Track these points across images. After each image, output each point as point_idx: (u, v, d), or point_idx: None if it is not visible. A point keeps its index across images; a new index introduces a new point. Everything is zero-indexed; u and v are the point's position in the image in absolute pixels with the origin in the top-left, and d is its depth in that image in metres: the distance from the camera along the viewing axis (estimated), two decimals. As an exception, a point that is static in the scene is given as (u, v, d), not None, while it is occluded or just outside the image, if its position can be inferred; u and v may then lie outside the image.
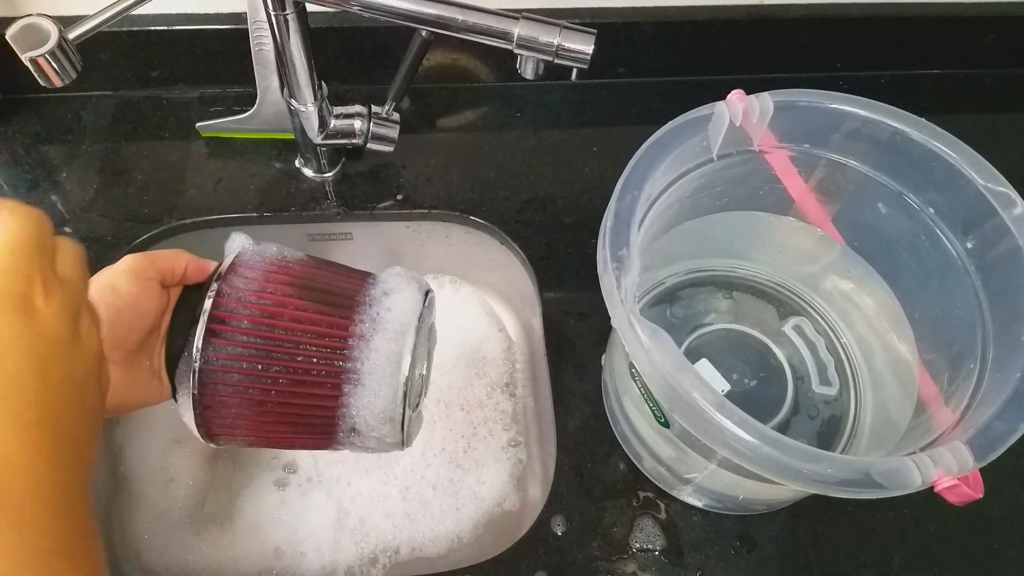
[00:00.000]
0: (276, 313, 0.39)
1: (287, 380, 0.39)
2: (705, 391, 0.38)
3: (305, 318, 0.40)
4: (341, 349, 0.40)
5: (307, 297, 0.40)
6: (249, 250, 0.41)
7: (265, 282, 0.40)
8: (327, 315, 0.40)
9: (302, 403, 0.40)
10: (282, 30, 0.54)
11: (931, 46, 0.79)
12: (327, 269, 0.43)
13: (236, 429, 0.40)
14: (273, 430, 0.41)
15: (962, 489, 0.37)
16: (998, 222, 0.45)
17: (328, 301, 0.41)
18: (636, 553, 0.54)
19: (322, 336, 0.40)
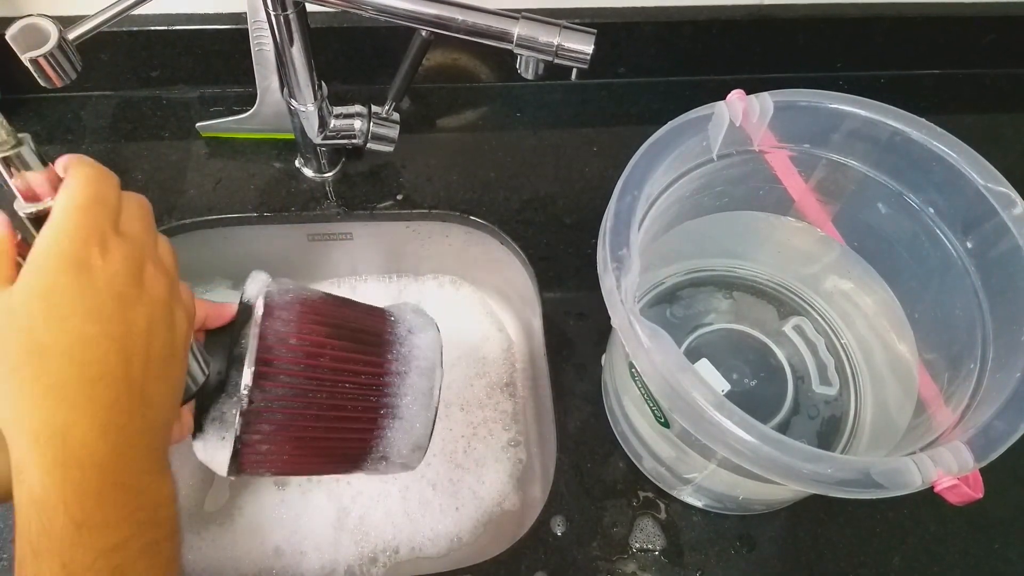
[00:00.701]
0: (317, 354, 0.41)
1: (328, 417, 0.41)
2: (705, 391, 0.38)
3: (344, 357, 0.41)
4: (379, 386, 0.42)
5: (342, 337, 0.42)
6: (277, 291, 0.42)
7: (301, 323, 0.41)
8: (363, 354, 0.42)
9: (340, 437, 0.42)
10: (282, 30, 0.54)
11: (931, 46, 0.79)
12: (349, 307, 0.45)
13: (268, 464, 0.41)
14: (306, 462, 0.43)
15: (962, 489, 0.37)
16: (998, 222, 0.45)
17: (361, 339, 0.43)
18: (636, 553, 0.54)
19: (360, 374, 0.42)
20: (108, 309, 0.30)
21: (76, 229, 0.30)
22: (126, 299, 0.30)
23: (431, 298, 0.77)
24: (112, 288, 0.30)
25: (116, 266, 0.30)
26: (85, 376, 0.29)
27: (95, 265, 0.30)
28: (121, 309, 0.30)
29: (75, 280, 0.29)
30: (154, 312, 0.32)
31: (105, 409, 0.30)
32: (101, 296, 0.30)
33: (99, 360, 0.30)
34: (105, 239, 0.30)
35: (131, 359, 0.30)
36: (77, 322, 0.29)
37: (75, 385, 0.29)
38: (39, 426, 0.29)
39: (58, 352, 0.29)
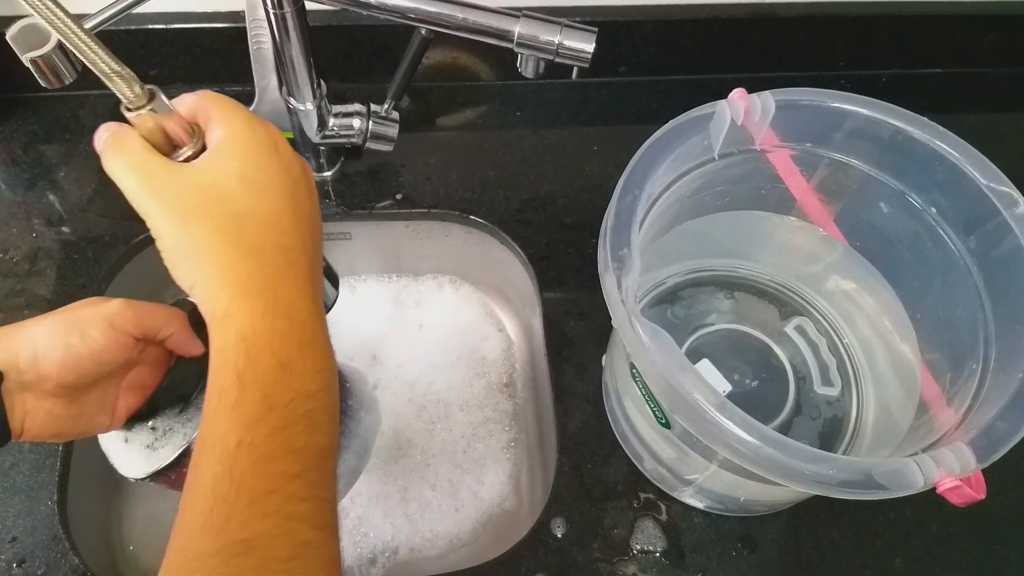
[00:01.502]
0: None
1: None
2: (706, 392, 0.38)
3: None
4: None
5: None
6: None
7: None
8: None
9: None
10: (281, 28, 0.54)
11: (933, 45, 0.79)
12: None
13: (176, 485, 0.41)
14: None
15: (964, 490, 0.37)
16: (1000, 222, 0.45)
17: None
18: (637, 555, 0.54)
19: None
20: (291, 189, 0.34)
21: (262, 123, 0.34)
22: (301, 185, 0.35)
23: (431, 298, 0.77)
24: (292, 172, 0.34)
25: (291, 155, 0.35)
26: (282, 244, 0.33)
27: (281, 152, 0.34)
28: (300, 192, 0.34)
29: (268, 161, 0.33)
30: (315, 202, 0.36)
31: (301, 275, 0.33)
32: (286, 178, 0.34)
33: (291, 232, 0.33)
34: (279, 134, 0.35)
35: (311, 238, 0.34)
36: (271, 196, 0.33)
37: (274, 250, 0.33)
38: (247, 279, 0.32)
39: (256, 220, 0.32)
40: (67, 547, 0.52)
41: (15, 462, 0.55)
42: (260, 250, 0.32)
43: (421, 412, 0.71)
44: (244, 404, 0.30)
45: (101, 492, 0.64)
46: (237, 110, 0.35)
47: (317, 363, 0.33)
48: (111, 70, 0.31)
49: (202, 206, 0.32)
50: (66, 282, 0.62)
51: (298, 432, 0.31)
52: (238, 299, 0.31)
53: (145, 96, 0.32)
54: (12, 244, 0.64)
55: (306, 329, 0.33)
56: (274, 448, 0.30)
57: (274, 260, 0.33)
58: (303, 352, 0.32)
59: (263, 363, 0.31)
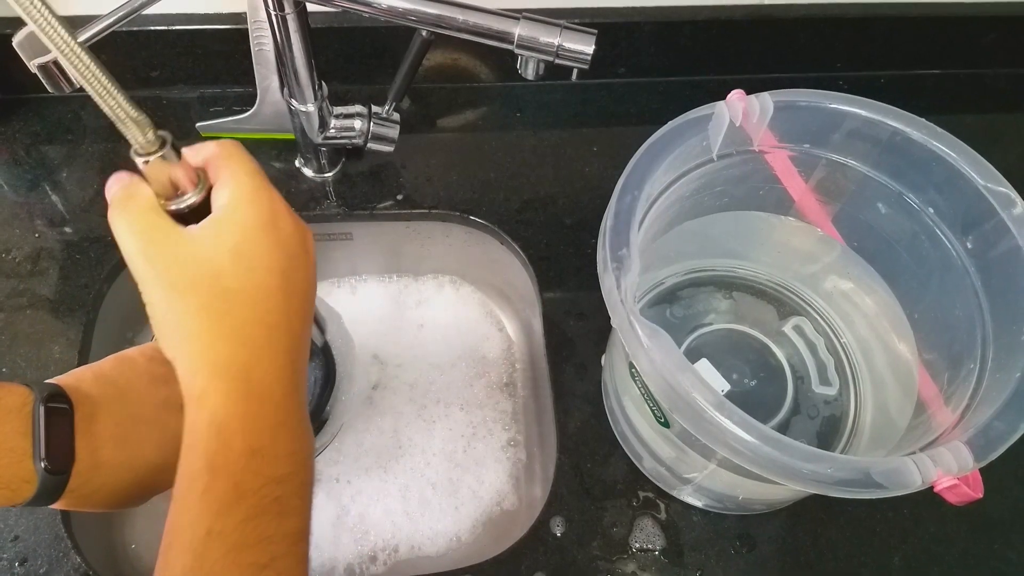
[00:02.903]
0: None
1: None
2: (705, 391, 0.38)
3: None
4: None
5: None
6: None
7: None
8: None
9: None
10: (282, 30, 0.54)
11: (931, 46, 0.79)
12: None
13: None
14: None
15: (962, 489, 0.37)
16: (998, 222, 0.45)
17: None
18: (636, 553, 0.54)
19: None
20: (284, 266, 0.33)
21: (267, 193, 0.34)
22: (297, 261, 0.34)
23: (431, 298, 0.77)
24: (288, 249, 0.34)
25: (291, 230, 0.34)
26: (265, 322, 0.32)
27: (280, 227, 0.34)
28: (293, 268, 0.34)
29: (264, 236, 0.33)
30: (311, 277, 0.35)
31: (281, 354, 0.33)
32: (280, 255, 0.33)
33: (276, 310, 0.33)
34: (285, 208, 0.35)
35: (298, 315, 0.34)
36: (261, 274, 0.33)
37: (257, 329, 0.32)
38: (225, 360, 0.32)
39: (243, 298, 0.32)
40: (69, 546, 0.52)
41: (18, 461, 0.55)
42: (241, 330, 0.32)
43: (421, 412, 0.71)
44: (214, 491, 0.30)
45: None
46: (245, 175, 0.34)
47: (289, 445, 0.32)
48: (127, 115, 0.30)
49: (192, 282, 0.32)
50: (68, 282, 0.63)
51: (268, 519, 0.31)
52: (213, 381, 0.31)
53: (157, 142, 0.32)
54: (14, 244, 0.64)
55: (279, 411, 0.32)
56: (244, 538, 0.30)
57: (254, 340, 0.32)
58: (275, 436, 0.32)
59: (234, 448, 0.31)
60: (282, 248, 0.34)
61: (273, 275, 0.33)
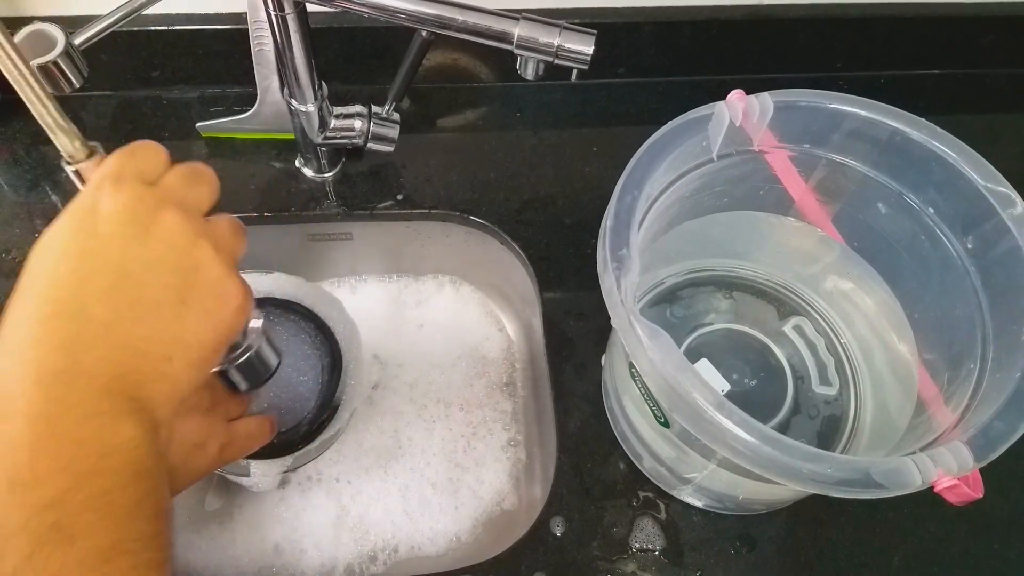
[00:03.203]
0: None
1: None
2: (705, 391, 0.38)
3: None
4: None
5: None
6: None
7: None
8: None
9: None
10: (282, 30, 0.54)
11: (931, 46, 0.79)
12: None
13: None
14: None
15: (962, 489, 0.37)
16: (998, 222, 0.45)
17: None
18: (636, 553, 0.54)
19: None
20: (85, 248, 0.29)
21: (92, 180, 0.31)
22: (119, 239, 0.30)
23: (431, 298, 0.77)
24: (106, 227, 0.30)
25: (119, 206, 0.30)
26: (39, 314, 0.29)
27: (99, 207, 0.30)
28: (103, 249, 0.30)
29: (69, 223, 0.30)
30: (161, 255, 0.31)
31: (49, 350, 0.28)
32: (84, 237, 0.29)
33: (59, 299, 0.29)
34: (120, 181, 0.31)
35: (100, 298, 0.29)
36: (51, 262, 0.29)
37: (25, 326, 0.28)
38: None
39: (28, 292, 0.29)
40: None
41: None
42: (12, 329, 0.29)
43: (421, 412, 0.71)
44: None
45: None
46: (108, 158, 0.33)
47: (58, 461, 0.27)
48: (56, 124, 0.31)
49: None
50: (68, 282, 0.63)
51: (51, 551, 0.26)
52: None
53: (84, 151, 0.33)
54: (15, 244, 0.64)
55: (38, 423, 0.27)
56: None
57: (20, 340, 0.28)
58: (34, 456, 0.27)
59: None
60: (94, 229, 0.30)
61: (67, 260, 0.29)
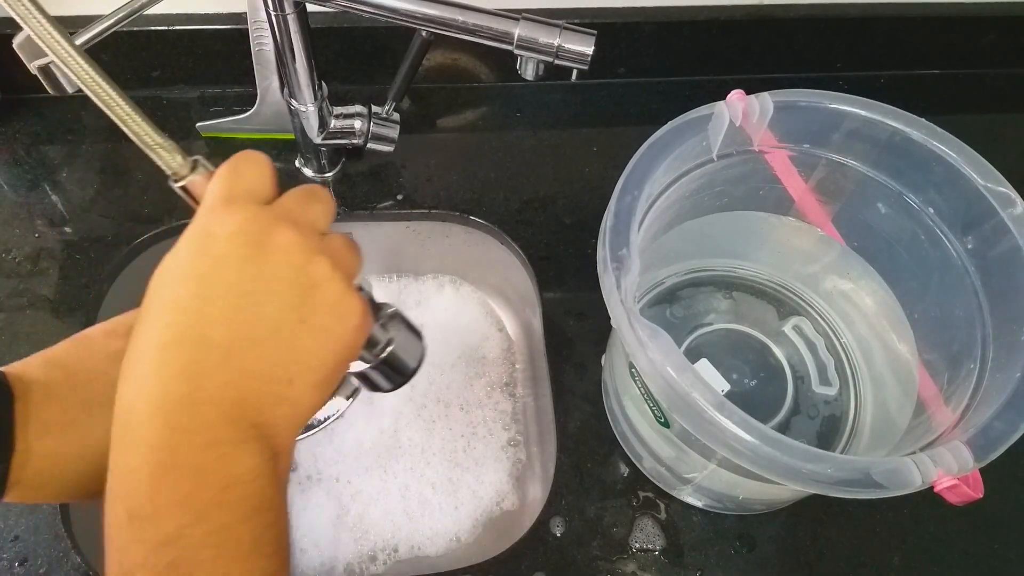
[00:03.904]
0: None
1: None
2: (705, 391, 0.38)
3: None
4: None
5: None
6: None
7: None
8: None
9: None
10: (282, 30, 0.54)
11: (931, 46, 0.79)
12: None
13: None
14: None
15: (962, 489, 0.37)
16: (998, 222, 0.45)
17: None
18: (636, 553, 0.54)
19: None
20: (203, 271, 0.28)
21: (203, 205, 0.30)
22: (234, 260, 0.29)
23: (431, 298, 0.77)
24: (222, 249, 0.29)
25: (233, 227, 0.29)
26: (160, 341, 0.28)
27: (214, 231, 0.29)
28: (220, 271, 0.29)
29: (187, 248, 0.29)
30: (277, 274, 0.29)
31: (170, 376, 0.27)
32: (203, 260, 0.29)
33: (179, 323, 0.28)
34: (231, 202, 0.30)
35: (220, 321, 0.28)
36: (172, 287, 0.29)
37: (148, 353, 0.28)
38: (119, 400, 0.28)
39: (149, 319, 0.28)
40: (69, 546, 0.52)
41: (18, 461, 0.55)
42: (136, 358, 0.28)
43: (421, 411, 0.71)
44: (109, 570, 0.26)
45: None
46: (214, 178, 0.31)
47: (176, 493, 0.26)
48: (154, 142, 0.30)
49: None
50: (68, 282, 0.63)
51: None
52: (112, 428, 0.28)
53: (188, 165, 0.31)
54: (15, 244, 0.64)
55: (159, 454, 0.26)
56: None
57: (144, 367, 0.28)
58: (153, 489, 0.26)
59: (116, 518, 0.26)
60: (212, 251, 0.29)
61: (186, 284, 0.28)
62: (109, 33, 0.49)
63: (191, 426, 0.27)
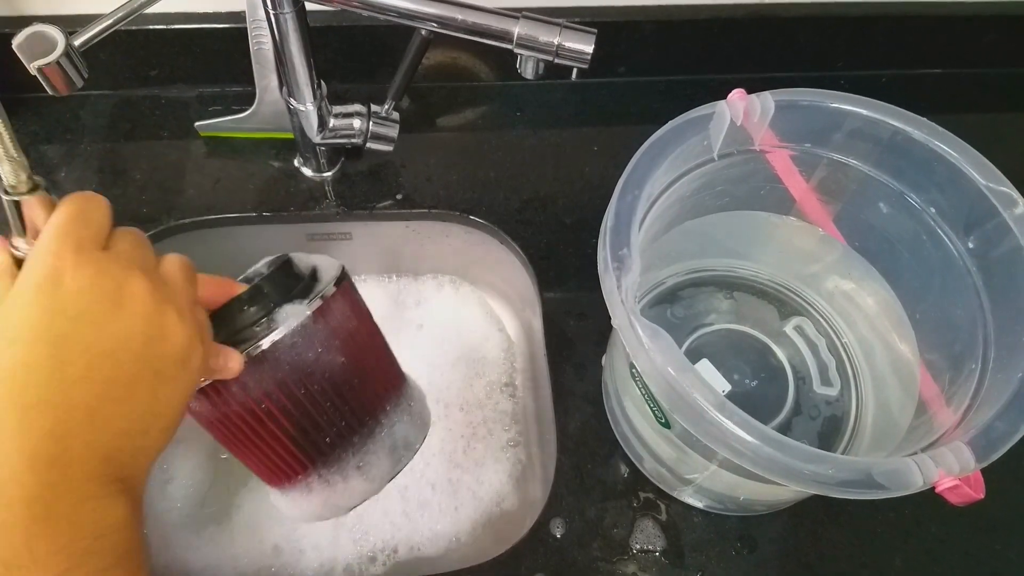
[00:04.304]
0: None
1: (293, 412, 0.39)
2: (706, 391, 0.38)
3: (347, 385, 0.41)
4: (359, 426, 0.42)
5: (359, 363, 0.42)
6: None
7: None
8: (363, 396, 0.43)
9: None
10: (281, 29, 0.54)
11: (932, 45, 0.79)
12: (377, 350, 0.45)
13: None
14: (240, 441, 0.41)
15: (963, 490, 0.37)
16: (1000, 222, 0.45)
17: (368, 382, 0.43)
18: (636, 554, 0.54)
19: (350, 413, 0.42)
20: (60, 330, 0.28)
21: (47, 247, 0.29)
22: (90, 317, 0.29)
23: (431, 298, 0.77)
24: (76, 305, 0.29)
25: (85, 281, 0.29)
26: (20, 403, 0.28)
27: (63, 283, 0.29)
28: (79, 330, 0.29)
29: (34, 301, 0.29)
30: (131, 330, 0.30)
31: (38, 438, 0.28)
32: (56, 319, 0.28)
33: (38, 384, 0.28)
34: (80, 251, 0.29)
35: (80, 381, 0.29)
36: (22, 346, 0.28)
37: (7, 415, 0.28)
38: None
39: (5, 378, 0.28)
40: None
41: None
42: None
43: (421, 412, 0.71)
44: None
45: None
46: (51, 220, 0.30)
47: (54, 543, 0.27)
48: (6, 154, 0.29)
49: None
50: (67, 282, 0.63)
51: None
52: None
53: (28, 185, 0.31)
54: (13, 244, 0.64)
55: (33, 507, 0.27)
56: None
57: (5, 428, 0.28)
58: (29, 539, 0.27)
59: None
60: (64, 308, 0.28)
61: (40, 344, 0.28)
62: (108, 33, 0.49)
63: (63, 483, 0.28)
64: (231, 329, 0.37)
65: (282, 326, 0.37)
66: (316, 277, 0.41)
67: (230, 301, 0.38)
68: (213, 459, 0.68)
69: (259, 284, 0.38)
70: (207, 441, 0.69)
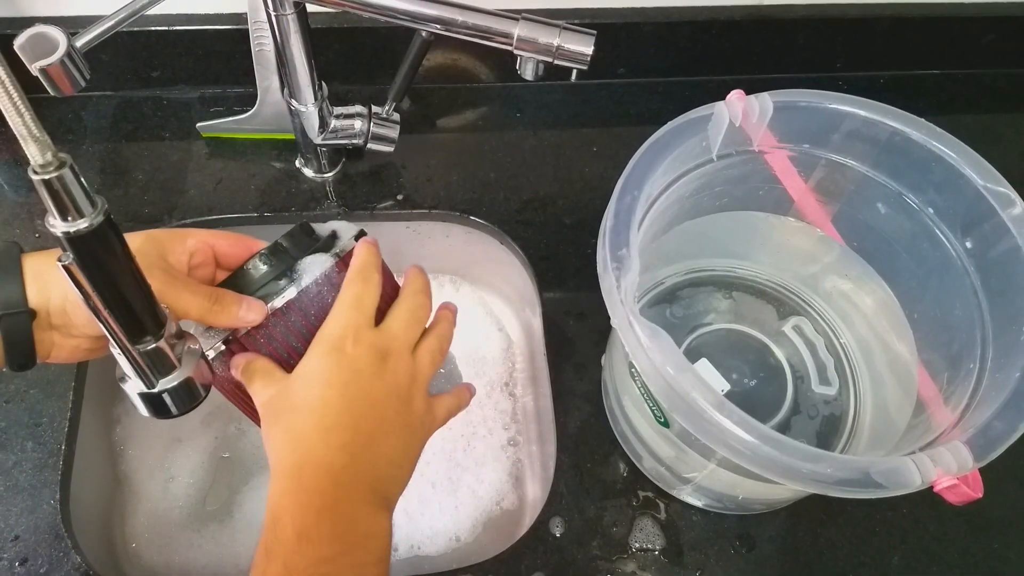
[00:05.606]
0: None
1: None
2: (705, 391, 0.38)
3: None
4: None
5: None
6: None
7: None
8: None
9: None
10: (282, 30, 0.54)
11: (931, 46, 0.79)
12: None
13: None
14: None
15: (961, 489, 0.37)
16: (997, 222, 0.45)
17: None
18: (636, 553, 0.54)
19: None
20: (346, 379, 0.39)
21: (335, 326, 0.40)
22: (365, 375, 0.39)
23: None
24: (354, 366, 0.39)
25: (361, 350, 0.39)
26: (321, 425, 0.38)
27: (346, 351, 0.39)
28: (358, 381, 0.39)
29: (324, 360, 0.39)
30: (391, 388, 0.40)
31: (335, 449, 0.38)
32: (343, 371, 0.39)
33: (335, 413, 0.38)
34: (359, 333, 0.39)
35: (364, 416, 0.39)
36: (320, 389, 0.39)
37: (313, 432, 0.38)
38: (286, 461, 0.38)
39: (305, 409, 0.38)
40: (69, 546, 0.52)
41: (18, 461, 0.55)
42: (301, 434, 0.38)
43: (421, 412, 0.71)
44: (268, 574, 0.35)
45: (103, 491, 0.64)
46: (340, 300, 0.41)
47: (335, 529, 0.36)
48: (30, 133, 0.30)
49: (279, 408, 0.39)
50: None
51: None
52: (275, 481, 0.38)
53: (55, 163, 0.31)
54: (15, 244, 0.64)
55: (325, 498, 0.37)
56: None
57: (308, 441, 0.38)
58: (319, 521, 0.36)
59: (284, 535, 0.36)
60: (346, 367, 0.39)
61: (331, 387, 0.38)
62: (110, 34, 0.49)
63: (350, 487, 0.38)
64: (253, 283, 0.40)
65: (306, 275, 0.40)
66: (336, 235, 0.43)
67: (252, 256, 0.41)
68: (215, 458, 0.68)
69: (280, 240, 0.41)
70: (209, 441, 0.69)
